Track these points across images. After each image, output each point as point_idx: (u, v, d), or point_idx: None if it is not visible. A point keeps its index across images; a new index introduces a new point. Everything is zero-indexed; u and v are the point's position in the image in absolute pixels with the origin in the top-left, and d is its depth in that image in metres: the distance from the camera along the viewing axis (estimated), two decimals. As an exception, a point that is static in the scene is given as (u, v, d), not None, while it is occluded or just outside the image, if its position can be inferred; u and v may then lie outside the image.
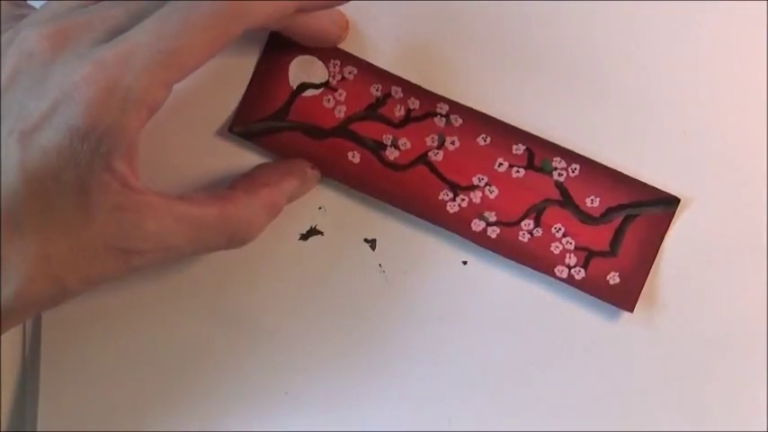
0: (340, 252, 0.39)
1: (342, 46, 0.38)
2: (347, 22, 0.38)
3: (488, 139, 0.37)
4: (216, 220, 0.34)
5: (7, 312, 0.31)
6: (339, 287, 0.39)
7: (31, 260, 0.31)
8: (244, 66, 0.38)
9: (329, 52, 0.37)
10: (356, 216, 0.38)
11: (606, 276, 0.37)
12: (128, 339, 0.39)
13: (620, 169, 0.37)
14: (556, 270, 0.37)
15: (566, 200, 0.37)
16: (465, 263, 0.38)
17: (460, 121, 0.37)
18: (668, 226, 0.37)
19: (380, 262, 0.39)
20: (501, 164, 0.37)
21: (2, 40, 0.32)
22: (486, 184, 0.38)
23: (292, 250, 0.39)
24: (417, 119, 0.37)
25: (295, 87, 0.38)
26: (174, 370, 0.39)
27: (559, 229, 0.37)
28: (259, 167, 0.38)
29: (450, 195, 0.38)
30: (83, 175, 0.30)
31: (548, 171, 0.37)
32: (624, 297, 0.37)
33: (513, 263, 0.38)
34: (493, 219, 0.38)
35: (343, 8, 0.37)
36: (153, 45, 0.30)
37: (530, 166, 0.37)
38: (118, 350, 0.39)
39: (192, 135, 0.38)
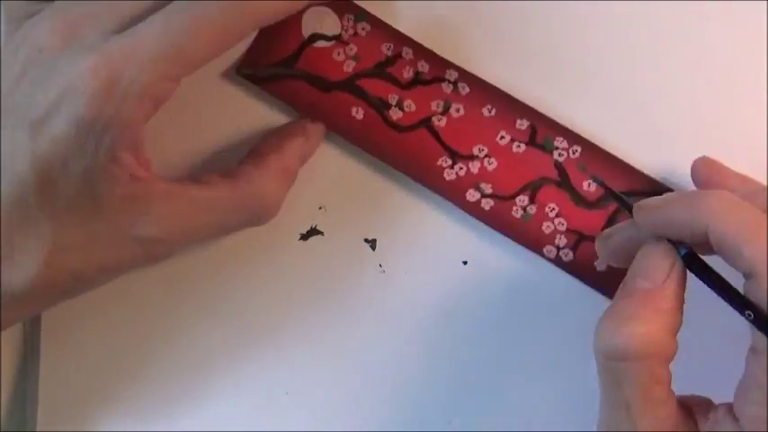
0: (340, 252, 0.39)
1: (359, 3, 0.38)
2: None
3: (493, 111, 0.37)
4: (231, 199, 0.35)
5: (22, 298, 0.32)
6: (339, 287, 0.39)
7: (48, 246, 0.32)
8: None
9: (344, 6, 0.38)
10: (356, 216, 0.39)
11: (594, 262, 0.37)
12: (127, 340, 0.39)
13: (621, 157, 0.37)
14: (545, 249, 0.37)
15: (563, 180, 0.37)
16: (465, 263, 0.38)
17: (468, 89, 0.37)
18: None
19: (380, 262, 0.39)
20: (503, 137, 0.37)
21: (17, 36, 0.33)
22: (486, 156, 0.37)
23: (292, 250, 0.39)
24: (425, 82, 0.38)
25: (306, 37, 0.38)
26: (174, 370, 0.39)
27: (553, 208, 0.37)
28: (262, 139, 0.38)
29: (449, 163, 0.37)
30: (89, 165, 0.31)
31: (548, 149, 0.37)
32: (610, 285, 0.36)
33: (513, 263, 0.38)
34: (488, 191, 0.37)
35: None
36: (159, 40, 0.31)
37: (531, 142, 0.37)
38: (117, 351, 0.39)
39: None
